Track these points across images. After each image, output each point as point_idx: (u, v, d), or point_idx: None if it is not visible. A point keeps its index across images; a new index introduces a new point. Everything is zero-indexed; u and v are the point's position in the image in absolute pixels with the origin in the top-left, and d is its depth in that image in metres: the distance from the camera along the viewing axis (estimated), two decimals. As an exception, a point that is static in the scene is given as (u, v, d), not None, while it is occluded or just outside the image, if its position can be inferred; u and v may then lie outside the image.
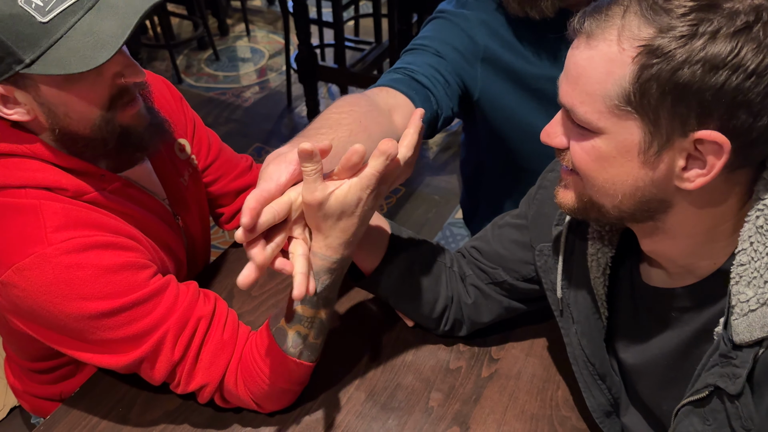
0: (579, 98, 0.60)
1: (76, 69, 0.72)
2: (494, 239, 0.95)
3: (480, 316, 0.97)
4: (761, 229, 0.58)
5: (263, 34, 3.73)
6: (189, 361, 0.84)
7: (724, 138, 0.55)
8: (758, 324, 0.57)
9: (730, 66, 0.53)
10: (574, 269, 0.80)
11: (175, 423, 0.91)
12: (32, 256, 0.76)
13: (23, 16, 0.71)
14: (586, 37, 0.59)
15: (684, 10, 0.54)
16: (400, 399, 0.93)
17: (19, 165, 0.80)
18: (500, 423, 0.90)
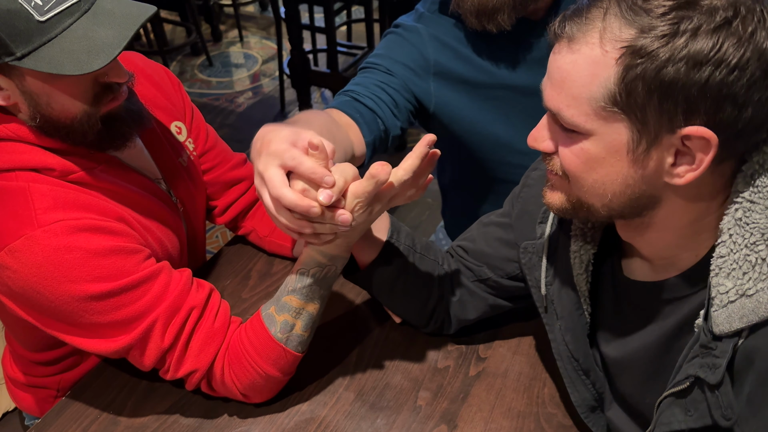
0: (565, 102, 0.61)
1: (69, 71, 0.74)
2: (479, 237, 0.96)
3: (466, 314, 0.98)
4: (740, 221, 0.59)
5: (256, 39, 3.74)
6: (179, 348, 0.84)
7: (711, 133, 0.56)
8: (737, 315, 0.58)
9: (713, 61, 0.54)
10: (558, 266, 0.82)
11: (165, 425, 0.91)
12: (23, 238, 0.77)
13: (21, 12, 0.72)
14: (568, 41, 0.60)
15: (663, 9, 0.55)
16: (389, 398, 0.94)
17: (5, 148, 0.81)
18: (487, 421, 0.91)
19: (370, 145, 1.08)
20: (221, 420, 0.92)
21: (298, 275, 0.83)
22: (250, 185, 1.16)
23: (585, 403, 0.85)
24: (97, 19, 0.76)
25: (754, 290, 0.57)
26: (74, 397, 0.95)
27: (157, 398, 0.95)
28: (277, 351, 0.85)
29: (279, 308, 0.85)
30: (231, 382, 0.87)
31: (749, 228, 0.59)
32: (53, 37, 0.74)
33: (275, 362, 0.86)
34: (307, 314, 0.85)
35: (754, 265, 0.58)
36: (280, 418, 0.92)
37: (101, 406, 0.94)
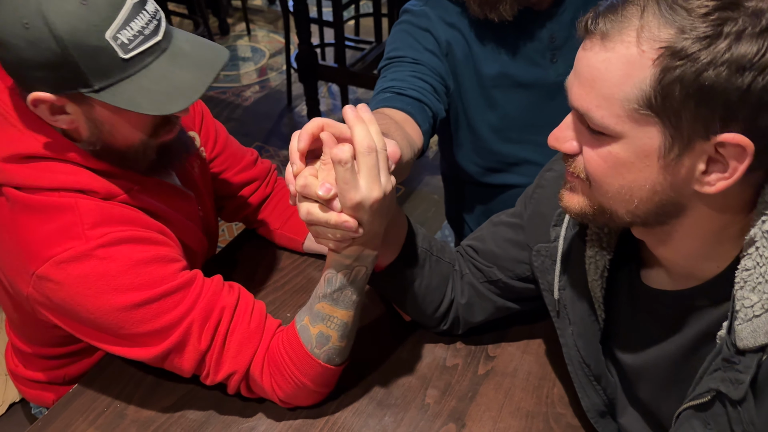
0: (595, 102, 0.58)
1: (147, 110, 0.76)
2: (489, 237, 0.95)
3: (473, 316, 0.97)
4: (766, 234, 0.57)
5: (264, 33, 3.73)
6: (216, 349, 0.85)
7: (748, 141, 0.54)
8: (762, 330, 0.56)
9: (756, 67, 0.51)
10: (572, 271, 0.80)
11: (171, 419, 0.91)
12: (71, 250, 0.79)
13: (108, 49, 0.74)
14: (601, 38, 0.57)
15: (706, 9, 0.52)
16: (397, 396, 0.94)
17: (52, 168, 0.82)
18: (496, 420, 0.91)
19: (426, 133, 1.07)
20: (228, 415, 0.91)
21: (327, 281, 0.82)
22: (260, 184, 1.16)
23: (595, 408, 0.84)
24: (176, 60, 0.78)
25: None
26: (81, 390, 0.95)
27: (164, 392, 0.94)
28: (315, 368, 0.84)
29: (312, 318, 0.84)
30: (270, 388, 0.87)
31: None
32: (132, 74, 0.76)
33: (315, 378, 0.86)
34: (342, 323, 0.83)
35: None
36: (287, 414, 0.91)
37: (108, 400, 0.94)
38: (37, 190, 0.81)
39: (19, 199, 0.82)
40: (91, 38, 0.72)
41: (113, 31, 0.73)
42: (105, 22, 0.73)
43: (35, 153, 0.81)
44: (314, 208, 0.70)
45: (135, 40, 0.75)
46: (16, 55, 0.73)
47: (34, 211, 0.81)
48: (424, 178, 2.62)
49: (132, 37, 0.75)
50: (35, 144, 0.81)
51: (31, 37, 0.71)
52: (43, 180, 0.81)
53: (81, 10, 0.72)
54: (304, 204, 0.71)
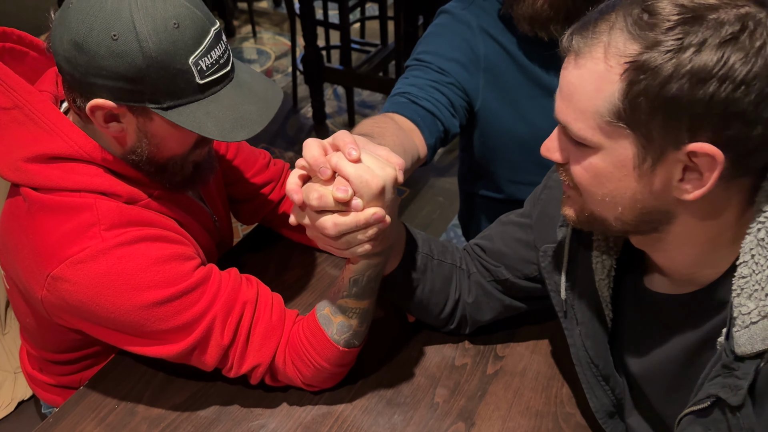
0: (573, 115, 0.61)
1: (213, 135, 0.79)
2: (497, 237, 0.95)
3: (481, 315, 0.97)
4: (762, 241, 0.58)
5: (269, 35, 3.75)
6: (240, 344, 0.86)
7: (717, 150, 0.55)
8: (759, 336, 0.57)
9: (718, 77, 0.53)
10: (579, 271, 0.81)
11: (182, 416, 0.91)
12: (87, 250, 0.79)
13: (187, 73, 0.77)
14: (575, 56, 0.60)
15: (670, 24, 0.54)
16: (406, 394, 0.94)
17: (76, 169, 0.83)
18: (505, 419, 0.91)
19: (431, 147, 1.08)
20: (238, 412, 0.92)
21: (353, 282, 0.84)
22: (275, 185, 1.17)
23: (603, 408, 0.84)
24: (241, 92, 0.82)
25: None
26: (91, 388, 0.96)
27: (174, 390, 0.95)
28: (335, 353, 0.87)
29: (334, 310, 0.86)
30: (295, 375, 0.90)
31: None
32: (201, 99, 0.79)
33: (334, 361, 0.88)
34: (363, 311, 0.86)
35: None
36: (297, 411, 0.92)
37: (118, 397, 0.94)
38: (57, 191, 0.82)
39: (38, 200, 0.82)
40: (175, 61, 0.75)
41: (196, 57, 0.77)
42: (191, 48, 0.76)
43: (60, 154, 0.82)
44: (339, 218, 0.72)
45: (212, 68, 0.78)
46: (93, 62, 0.75)
47: (53, 211, 0.82)
48: (429, 180, 2.63)
49: (210, 65, 0.78)
50: (62, 145, 0.82)
51: (117, 49, 0.73)
52: (65, 180, 0.82)
53: (173, 33, 0.75)
54: (327, 218, 0.72)
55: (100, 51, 0.74)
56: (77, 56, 0.75)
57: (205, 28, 0.77)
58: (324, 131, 2.96)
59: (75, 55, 0.75)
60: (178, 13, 0.75)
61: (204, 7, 0.79)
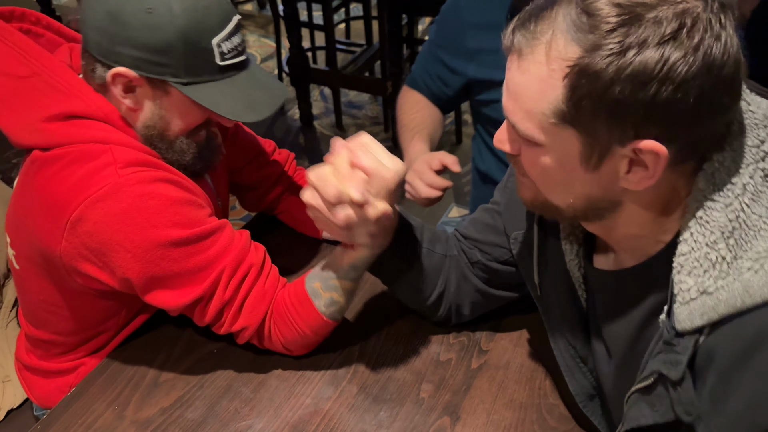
0: (519, 114, 0.62)
1: (225, 113, 0.85)
2: (471, 223, 0.98)
3: (461, 299, 0.99)
4: (700, 219, 0.59)
5: (254, 38, 3.75)
6: (237, 303, 0.90)
7: (661, 147, 0.56)
8: (698, 312, 0.58)
9: (658, 78, 0.53)
10: (550, 254, 0.82)
11: (170, 419, 0.92)
12: (106, 187, 0.82)
13: (209, 52, 0.83)
14: (518, 56, 0.60)
15: (609, 26, 0.54)
16: (392, 391, 0.95)
17: (95, 126, 0.86)
18: (490, 412, 0.92)
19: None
20: (225, 414, 0.92)
21: (352, 267, 0.89)
22: (280, 175, 1.20)
23: (583, 391, 0.85)
24: (253, 79, 0.88)
25: (714, 288, 0.58)
26: (79, 393, 0.96)
27: (162, 393, 0.95)
28: (319, 322, 0.92)
29: (326, 287, 0.91)
30: (277, 339, 0.94)
31: (709, 226, 0.59)
32: (218, 79, 0.85)
33: (317, 330, 0.93)
34: (351, 290, 0.93)
35: (714, 263, 0.58)
36: (284, 411, 0.93)
37: (106, 402, 0.95)
38: (73, 144, 0.85)
39: (50, 157, 0.85)
40: (202, 39, 0.82)
41: (219, 39, 0.83)
42: (216, 29, 0.83)
43: (79, 113, 0.85)
44: (352, 213, 0.78)
45: (231, 53, 0.85)
46: (123, 32, 0.80)
47: (67, 162, 0.84)
48: (417, 179, 2.63)
49: (230, 49, 0.85)
50: (80, 105, 0.86)
51: (150, 22, 0.79)
52: (82, 135, 0.85)
53: (202, 12, 0.81)
54: (341, 212, 0.78)
55: (133, 22, 0.79)
56: (108, 25, 0.81)
57: (229, 15, 0.85)
58: (311, 133, 2.96)
59: (107, 23, 0.81)
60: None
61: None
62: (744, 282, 0.56)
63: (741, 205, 0.59)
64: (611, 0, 0.54)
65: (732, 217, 0.58)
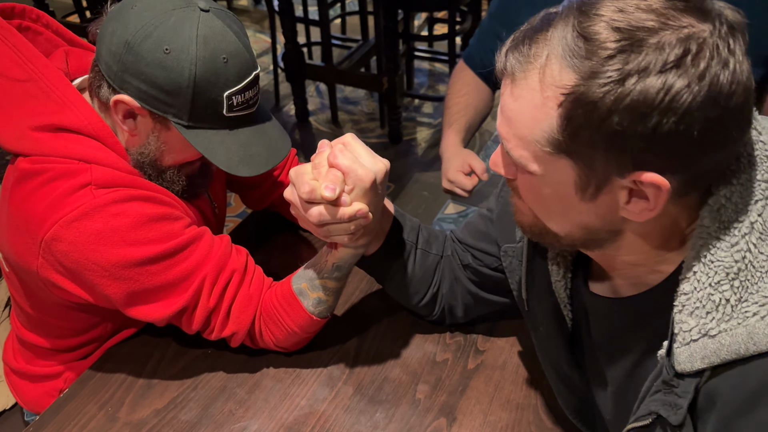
0: (513, 141, 0.59)
1: (218, 163, 0.84)
2: (466, 226, 0.97)
3: (454, 300, 0.98)
4: (704, 258, 0.57)
5: (249, 33, 3.72)
6: (223, 310, 0.90)
7: (662, 179, 0.53)
8: (699, 355, 0.56)
9: (660, 109, 0.49)
10: (537, 271, 0.80)
11: (164, 421, 0.91)
12: (81, 207, 0.82)
13: (219, 103, 0.82)
14: (511, 81, 0.57)
15: (608, 52, 0.50)
16: (388, 392, 0.94)
17: (83, 141, 0.85)
18: (486, 413, 0.91)
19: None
20: (220, 416, 0.92)
21: (335, 267, 0.89)
22: (281, 173, 1.19)
23: (570, 405, 0.84)
24: (256, 134, 0.88)
25: (717, 331, 0.55)
26: (71, 395, 0.95)
27: (156, 395, 0.95)
28: (308, 321, 0.92)
29: (313, 287, 0.91)
30: (269, 339, 0.95)
31: (714, 266, 0.56)
32: (220, 128, 0.84)
33: (307, 329, 0.94)
34: (338, 289, 0.93)
35: (717, 305, 0.56)
36: (279, 412, 0.92)
37: (99, 404, 0.94)
38: (56, 157, 0.84)
39: (32, 171, 0.84)
40: (213, 91, 0.81)
41: (232, 93, 0.82)
42: (230, 83, 0.82)
43: (69, 126, 0.85)
44: (324, 211, 0.78)
45: (240, 106, 0.84)
46: (137, 65, 0.80)
47: (46, 179, 0.83)
48: (414, 175, 2.63)
49: (240, 103, 0.84)
50: (72, 118, 0.85)
51: (166, 62, 0.79)
52: (68, 149, 0.84)
53: (220, 65, 0.80)
54: (314, 209, 0.78)
55: (148, 58, 0.79)
56: (124, 54, 0.80)
57: (249, 70, 0.83)
58: (307, 129, 2.95)
59: (122, 52, 0.80)
60: (232, 49, 0.81)
61: (252, 51, 0.85)
62: (749, 328, 0.54)
63: (748, 245, 0.56)
64: (611, 23, 0.51)
65: (738, 258, 0.55)
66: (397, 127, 2.75)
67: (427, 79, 3.26)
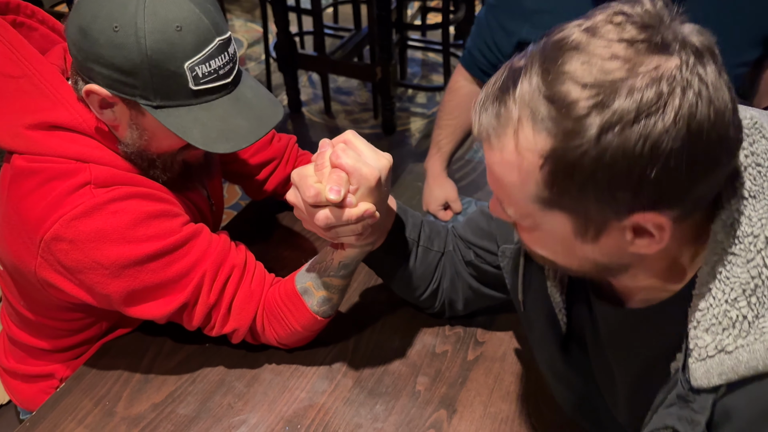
0: (504, 199, 0.58)
1: (194, 141, 0.79)
2: (467, 222, 0.96)
3: (455, 294, 0.97)
4: (720, 274, 0.56)
5: (241, 23, 3.69)
6: (224, 306, 0.89)
7: (660, 217, 0.52)
8: (716, 371, 0.55)
9: (642, 158, 0.48)
10: (534, 273, 0.79)
11: (162, 415, 0.90)
12: (81, 206, 0.81)
13: (181, 77, 0.77)
14: (488, 145, 0.55)
15: (581, 112, 0.49)
16: (387, 384, 0.94)
17: (77, 140, 0.84)
18: (486, 405, 0.91)
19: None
20: (218, 409, 0.91)
21: (342, 266, 0.88)
22: (279, 162, 1.18)
23: (567, 402, 0.84)
24: (237, 105, 0.82)
25: (734, 347, 0.55)
26: (68, 390, 0.94)
27: (153, 389, 0.94)
28: (311, 320, 0.92)
29: (318, 285, 0.90)
30: (272, 336, 0.94)
31: (730, 283, 0.55)
32: (193, 104, 0.80)
33: (309, 328, 0.93)
34: (344, 287, 0.92)
35: (734, 321, 0.55)
36: (279, 405, 0.91)
37: (96, 398, 0.93)
38: (53, 157, 0.83)
39: (29, 169, 0.83)
40: (171, 63, 0.76)
41: (193, 63, 0.77)
42: (189, 53, 0.77)
43: (63, 123, 0.83)
44: (330, 214, 0.76)
45: (208, 77, 0.79)
46: (93, 49, 0.77)
47: (44, 179, 0.82)
48: (407, 166, 2.62)
49: (207, 73, 0.79)
50: (65, 115, 0.83)
51: (116, 40, 0.75)
52: (64, 148, 0.83)
53: (173, 35, 0.75)
54: (320, 213, 0.76)
55: (101, 39, 0.76)
56: (81, 41, 0.77)
57: (208, 37, 0.78)
58: (300, 119, 2.93)
59: (79, 39, 0.77)
60: (184, 17, 0.76)
61: (215, 16, 0.79)
62: (767, 343, 0.53)
63: (764, 260, 0.54)
64: (578, 80, 0.49)
65: (755, 274, 0.54)
66: (390, 118, 2.74)
67: (421, 69, 3.24)
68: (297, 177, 0.78)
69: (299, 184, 0.77)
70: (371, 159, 0.77)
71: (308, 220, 0.80)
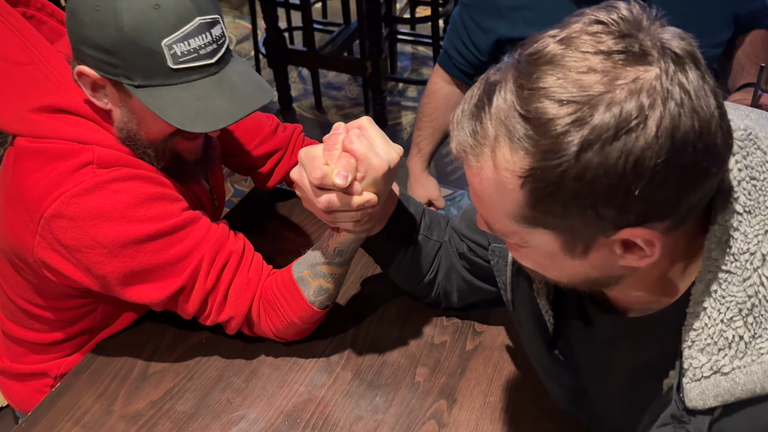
0: (488, 217, 0.57)
1: (170, 120, 0.80)
2: (462, 216, 0.96)
3: (449, 285, 0.97)
4: (715, 293, 0.54)
5: (229, 19, 3.66)
6: (220, 292, 0.89)
7: (650, 232, 0.50)
8: (711, 392, 0.54)
9: (625, 175, 0.46)
10: (523, 274, 0.78)
11: (160, 412, 0.90)
12: (82, 184, 0.82)
13: (159, 55, 0.78)
14: (467, 162, 0.54)
15: (558, 129, 0.46)
16: (387, 376, 0.94)
17: (81, 123, 0.85)
18: (486, 394, 0.91)
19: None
20: (217, 405, 0.90)
21: (337, 252, 0.88)
22: (284, 153, 1.18)
23: (561, 397, 0.84)
24: (218, 87, 0.82)
25: (730, 368, 0.53)
26: (65, 389, 0.93)
27: (151, 386, 0.93)
28: (308, 312, 0.91)
29: (314, 274, 0.89)
30: (268, 328, 0.93)
31: (725, 302, 0.53)
32: (173, 84, 0.80)
33: (306, 320, 0.92)
34: (340, 276, 0.91)
35: (730, 342, 0.53)
36: (278, 400, 0.91)
37: (93, 397, 0.92)
38: (57, 139, 0.84)
39: (33, 149, 0.84)
40: (148, 40, 0.77)
41: (170, 41, 0.77)
42: (167, 30, 0.77)
43: (67, 108, 0.85)
44: (335, 198, 0.76)
45: (188, 56, 0.79)
46: (80, 29, 0.79)
47: (48, 157, 0.83)
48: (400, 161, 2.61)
49: (186, 52, 0.79)
50: (70, 100, 0.85)
51: (98, 19, 0.77)
52: (67, 131, 0.84)
53: (150, 12, 0.76)
54: (323, 197, 0.76)
55: (86, 19, 0.78)
56: (70, 23, 0.80)
57: (187, 15, 0.78)
58: (291, 115, 2.91)
59: (69, 22, 0.80)
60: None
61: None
62: (764, 365, 0.52)
63: (761, 279, 0.52)
64: (554, 97, 0.46)
65: (751, 293, 0.53)
66: (381, 112, 2.73)
67: (411, 63, 3.23)
68: (305, 156, 0.77)
69: (306, 164, 0.77)
70: (382, 150, 0.77)
71: (309, 200, 0.79)
